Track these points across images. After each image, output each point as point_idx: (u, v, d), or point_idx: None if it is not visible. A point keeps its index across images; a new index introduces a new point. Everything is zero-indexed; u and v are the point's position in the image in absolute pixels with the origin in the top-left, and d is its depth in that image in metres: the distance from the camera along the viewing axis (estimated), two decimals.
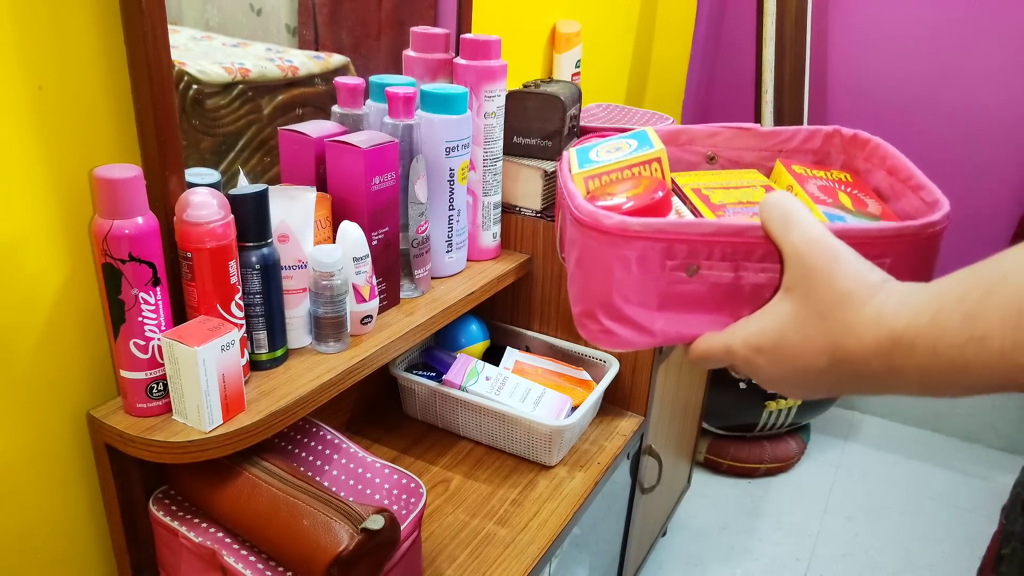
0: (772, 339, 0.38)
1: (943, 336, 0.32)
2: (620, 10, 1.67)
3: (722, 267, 0.40)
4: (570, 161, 0.51)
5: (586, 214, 0.41)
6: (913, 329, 0.32)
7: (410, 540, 0.75)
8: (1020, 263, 0.30)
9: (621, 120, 1.27)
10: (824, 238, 0.37)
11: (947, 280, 0.33)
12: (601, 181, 0.48)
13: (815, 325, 0.36)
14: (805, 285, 0.36)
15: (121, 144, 0.67)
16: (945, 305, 0.32)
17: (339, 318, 0.76)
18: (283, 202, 0.73)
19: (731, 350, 0.40)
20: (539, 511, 0.94)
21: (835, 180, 0.51)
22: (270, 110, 0.83)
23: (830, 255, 0.36)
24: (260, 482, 0.69)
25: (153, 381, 0.65)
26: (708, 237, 0.39)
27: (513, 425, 1.00)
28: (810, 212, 0.38)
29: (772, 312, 0.38)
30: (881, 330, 0.33)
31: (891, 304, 0.34)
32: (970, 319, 0.31)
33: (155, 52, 0.63)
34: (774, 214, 0.38)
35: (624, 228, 0.40)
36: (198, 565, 0.71)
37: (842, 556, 1.65)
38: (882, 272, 0.36)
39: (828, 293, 0.35)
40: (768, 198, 0.39)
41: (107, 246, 0.60)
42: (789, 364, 0.37)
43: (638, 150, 0.49)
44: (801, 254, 0.37)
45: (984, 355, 0.30)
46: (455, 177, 0.90)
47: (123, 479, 0.70)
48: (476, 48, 0.92)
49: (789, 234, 0.37)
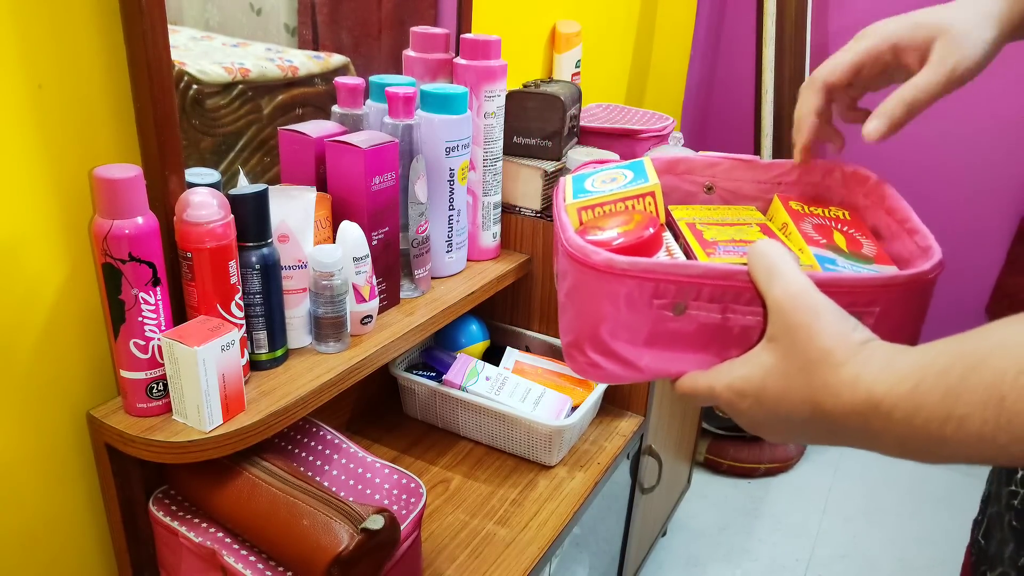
0: (755, 387, 0.38)
1: (922, 409, 0.32)
2: (620, 10, 1.67)
3: (710, 308, 0.40)
4: (565, 189, 0.51)
5: (576, 248, 0.41)
6: (892, 397, 0.32)
7: (410, 540, 0.75)
8: (1005, 342, 0.30)
9: (621, 120, 1.27)
10: (805, 294, 0.36)
11: (930, 349, 0.33)
12: (594, 213, 0.48)
13: (796, 379, 0.36)
14: (787, 339, 0.37)
15: (121, 144, 0.66)
16: (926, 377, 0.32)
17: (339, 318, 0.76)
18: (283, 202, 0.73)
19: (715, 392, 0.40)
20: (539, 511, 0.94)
21: (832, 218, 0.50)
22: (270, 110, 0.83)
23: (811, 312, 0.36)
24: (260, 482, 0.69)
25: (153, 381, 0.65)
26: (696, 279, 0.39)
27: (513, 425, 1.00)
28: (795, 264, 0.38)
29: (756, 360, 0.38)
30: (858, 394, 0.34)
31: (871, 368, 0.34)
32: (951, 397, 0.31)
33: (155, 52, 0.63)
34: (759, 264, 0.38)
35: (611, 266, 0.40)
36: (198, 565, 0.71)
37: (841, 557, 1.65)
38: (864, 330, 0.36)
39: (809, 350, 0.35)
40: (755, 246, 0.39)
41: (107, 246, 0.60)
42: (771, 412, 0.38)
43: (633, 182, 0.49)
44: (783, 309, 0.37)
45: (963, 434, 0.31)
46: (455, 177, 0.90)
47: (123, 479, 0.70)
48: (476, 48, 0.92)
49: (772, 287, 0.37)
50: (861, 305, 0.39)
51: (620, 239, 0.43)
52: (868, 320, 0.39)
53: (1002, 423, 0.29)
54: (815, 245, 0.45)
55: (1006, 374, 0.29)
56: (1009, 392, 0.29)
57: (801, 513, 1.77)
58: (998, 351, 0.30)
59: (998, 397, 0.29)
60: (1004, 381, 0.29)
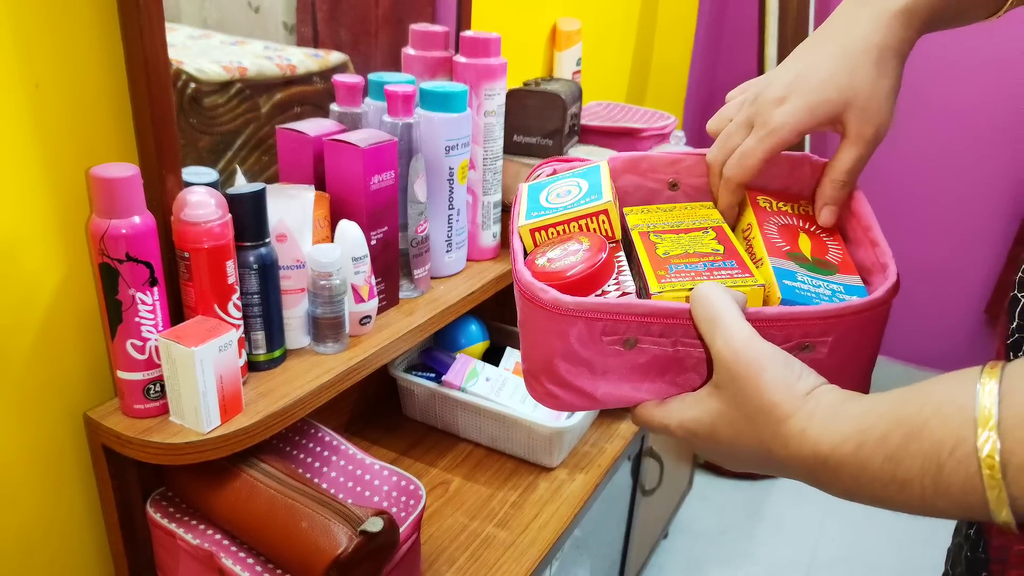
0: (705, 429, 0.39)
1: (865, 471, 0.33)
2: (621, 7, 1.67)
3: (661, 342, 0.40)
4: (520, 204, 0.50)
5: (524, 284, 0.41)
6: (837, 457, 0.33)
7: (409, 542, 0.74)
8: (941, 410, 0.31)
9: (622, 118, 1.27)
10: (747, 348, 0.36)
11: (872, 408, 0.33)
12: (547, 234, 0.47)
13: (744, 426, 0.37)
14: (733, 388, 0.37)
15: (118, 143, 0.66)
16: (868, 441, 0.33)
17: (337, 318, 0.75)
18: (281, 201, 0.73)
19: (669, 429, 0.41)
20: (539, 513, 0.93)
21: (800, 215, 0.49)
22: (268, 108, 0.83)
23: (755, 366, 0.36)
24: (258, 484, 0.69)
25: (150, 382, 0.65)
26: (643, 319, 0.39)
27: (513, 426, 0.99)
28: (737, 312, 0.37)
29: (705, 404, 0.39)
30: (804, 448, 0.34)
31: (816, 423, 0.34)
32: (892, 462, 0.32)
33: (153, 50, 0.63)
34: (700, 314, 0.38)
35: (557, 306, 0.39)
36: (196, 567, 0.71)
37: (842, 559, 1.64)
38: (809, 376, 0.36)
39: (755, 402, 0.36)
40: (696, 293, 0.39)
41: (104, 246, 0.59)
42: (724, 451, 0.39)
43: (586, 198, 0.48)
44: (726, 362, 0.37)
45: (905, 496, 0.32)
46: (455, 176, 0.89)
47: (120, 480, 0.69)
48: (476, 46, 0.91)
49: (715, 340, 0.37)
50: (814, 335, 0.39)
51: (572, 269, 0.42)
52: (822, 349, 0.39)
53: (940, 491, 0.31)
54: (776, 255, 0.45)
55: (943, 445, 0.30)
56: (947, 462, 0.30)
57: (802, 516, 1.76)
58: (935, 419, 0.31)
59: (936, 467, 0.31)
60: (942, 453, 0.30)
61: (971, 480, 0.30)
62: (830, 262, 0.45)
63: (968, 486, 0.30)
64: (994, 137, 1.87)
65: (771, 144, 0.46)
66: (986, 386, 0.30)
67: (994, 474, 0.29)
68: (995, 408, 0.30)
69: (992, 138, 1.87)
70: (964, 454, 0.30)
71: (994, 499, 0.29)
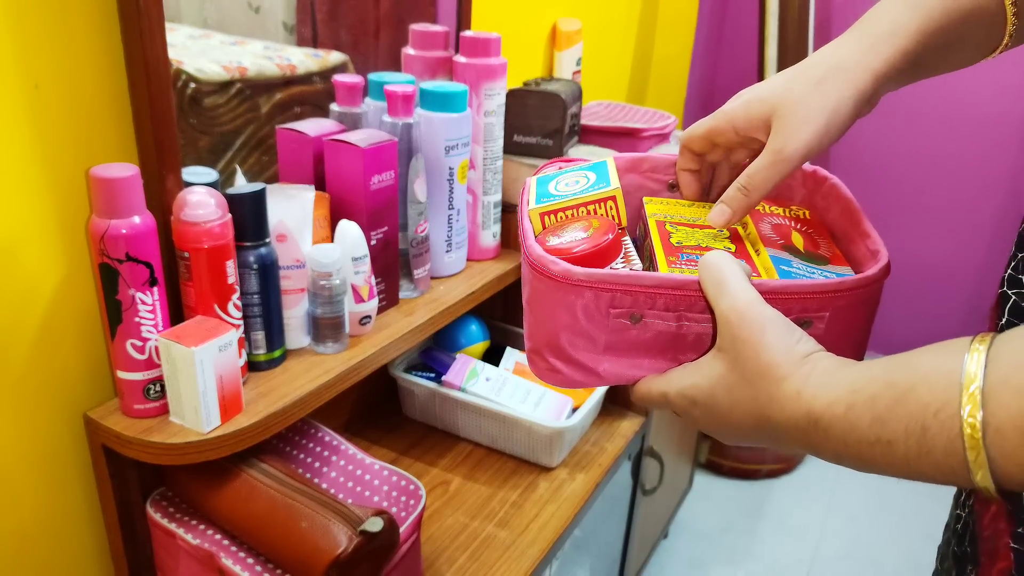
0: (704, 395, 0.40)
1: (853, 431, 0.34)
2: (621, 7, 1.66)
3: (665, 316, 0.41)
4: (529, 192, 0.51)
5: (534, 257, 0.42)
6: (828, 417, 0.35)
7: (409, 542, 0.74)
8: (929, 376, 0.32)
9: (622, 118, 1.27)
10: (751, 309, 0.37)
11: (864, 372, 0.35)
12: (556, 218, 0.48)
13: (742, 389, 0.38)
14: (734, 351, 0.38)
15: (118, 143, 0.66)
16: (858, 402, 0.34)
17: (337, 318, 0.75)
18: (281, 201, 0.73)
19: (668, 398, 0.42)
20: (539, 513, 0.93)
21: (792, 217, 0.51)
22: (268, 108, 0.83)
23: (757, 326, 0.37)
24: (258, 484, 0.69)
25: (150, 382, 0.65)
26: (650, 289, 0.40)
27: (513, 426, 0.99)
28: (744, 277, 0.39)
29: (705, 369, 0.40)
30: (799, 408, 0.36)
31: (811, 384, 0.35)
32: (878, 423, 0.33)
33: (152, 50, 0.63)
34: (708, 277, 0.39)
35: (568, 276, 0.40)
36: (196, 567, 0.71)
37: (844, 557, 1.64)
38: (808, 342, 0.37)
39: (754, 363, 0.37)
40: (705, 259, 0.40)
41: (104, 246, 0.59)
42: (720, 419, 0.40)
43: (595, 186, 0.49)
44: (730, 322, 0.38)
45: (889, 457, 0.33)
46: (455, 176, 0.89)
47: (120, 481, 0.69)
48: (476, 46, 0.91)
49: (721, 300, 0.38)
50: (811, 311, 0.40)
51: (580, 246, 0.43)
52: (819, 324, 0.40)
53: (923, 452, 0.32)
54: (772, 246, 0.46)
55: (928, 407, 0.31)
56: (931, 424, 0.31)
57: (804, 514, 1.76)
58: (922, 384, 0.32)
59: (920, 428, 0.32)
60: (926, 415, 0.31)
61: (953, 443, 0.31)
62: (822, 255, 0.46)
63: (950, 448, 0.31)
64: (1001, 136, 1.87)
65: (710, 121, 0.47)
66: (974, 354, 0.31)
67: (975, 434, 0.30)
68: (980, 372, 0.31)
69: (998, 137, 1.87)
70: (947, 416, 0.31)
71: (973, 460, 0.30)
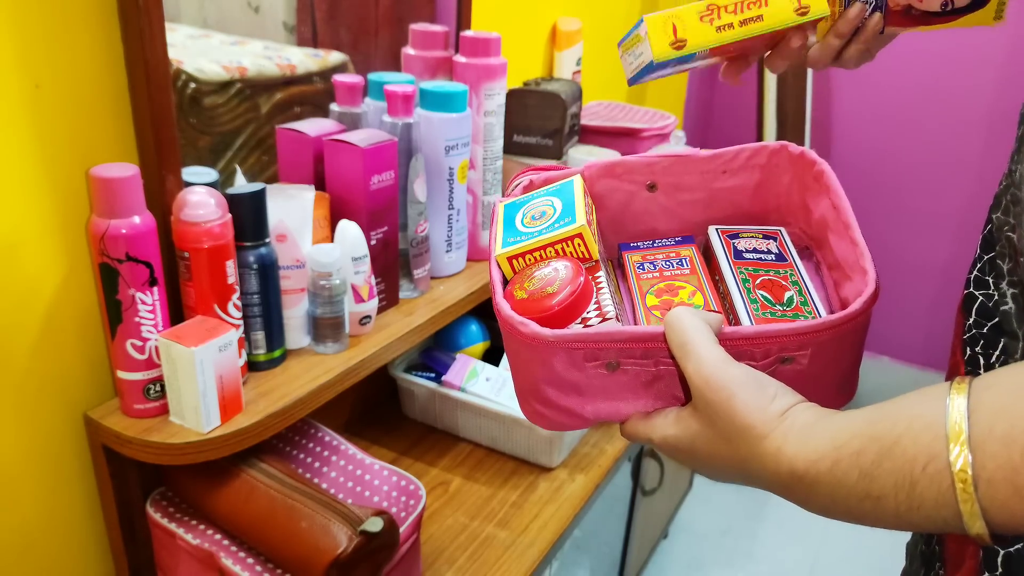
0: (686, 447, 0.40)
1: (840, 488, 0.33)
2: (621, 7, 1.67)
3: (643, 363, 0.41)
4: (497, 224, 0.50)
5: (505, 318, 0.42)
6: (813, 474, 0.34)
7: (409, 542, 0.74)
8: (912, 426, 0.32)
9: (622, 118, 1.27)
10: (718, 373, 0.37)
11: (845, 425, 0.34)
12: (524, 260, 0.48)
13: (720, 445, 0.38)
14: (708, 412, 0.38)
15: (118, 143, 0.66)
16: (843, 458, 0.33)
17: (337, 318, 0.75)
18: (281, 201, 0.73)
19: (653, 442, 0.42)
20: (539, 513, 0.93)
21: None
22: (268, 108, 0.83)
23: (725, 393, 0.36)
24: (258, 484, 0.69)
25: (150, 382, 0.65)
26: (622, 344, 0.40)
27: (513, 426, 0.99)
28: (709, 336, 0.38)
29: (683, 423, 0.40)
30: (781, 466, 0.35)
31: (791, 442, 0.35)
32: (866, 479, 0.33)
33: (152, 50, 0.63)
34: (673, 339, 0.39)
35: (538, 338, 0.40)
36: (196, 567, 0.71)
37: (845, 560, 1.64)
38: (784, 397, 0.37)
39: (728, 424, 0.37)
40: (668, 318, 0.39)
41: (104, 246, 0.59)
42: (704, 467, 0.40)
43: (560, 220, 0.48)
44: (698, 387, 0.38)
45: (880, 512, 0.33)
46: (455, 176, 0.89)
47: (120, 480, 0.69)
48: (476, 46, 0.91)
49: (687, 364, 0.38)
50: (792, 349, 0.39)
51: (550, 300, 0.43)
52: (802, 360, 0.40)
53: (913, 506, 0.32)
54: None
55: (915, 461, 0.31)
56: (920, 478, 0.31)
57: (804, 516, 1.75)
58: (906, 436, 0.32)
59: (909, 483, 0.31)
60: (915, 469, 0.31)
61: (944, 495, 0.31)
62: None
63: (941, 500, 0.31)
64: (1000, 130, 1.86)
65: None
66: (955, 401, 0.31)
67: (967, 487, 0.30)
68: (964, 423, 0.31)
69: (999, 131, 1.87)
70: (936, 470, 0.31)
71: (967, 512, 0.30)
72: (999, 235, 0.44)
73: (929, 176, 1.97)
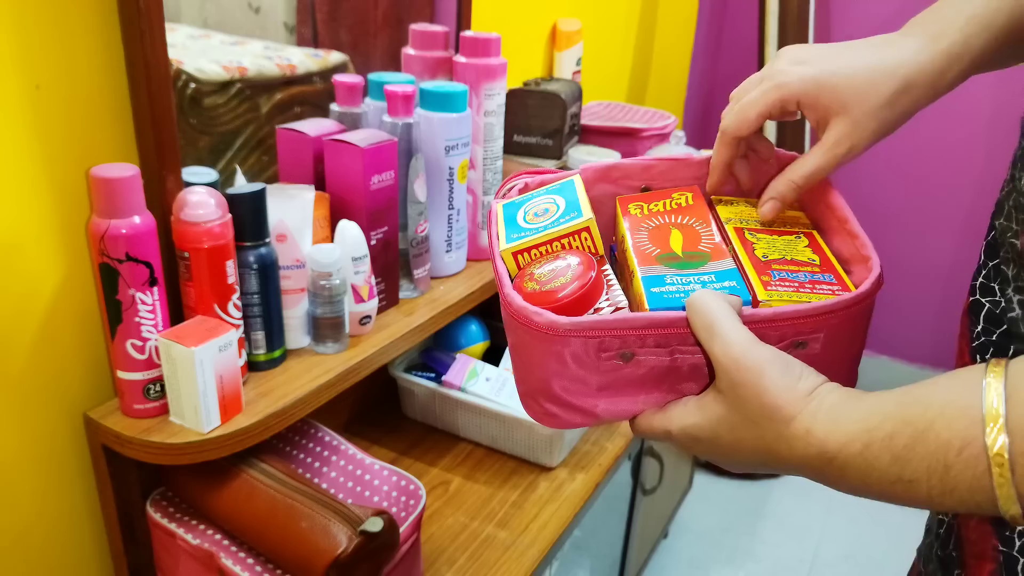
0: (707, 435, 0.39)
1: (873, 470, 0.33)
2: (621, 7, 1.66)
3: (658, 352, 0.40)
4: (498, 226, 0.49)
5: (516, 309, 0.41)
6: (844, 456, 0.34)
7: (409, 542, 0.74)
8: (945, 411, 0.32)
9: (622, 118, 1.27)
10: (746, 353, 0.36)
11: (876, 408, 0.34)
12: (531, 255, 0.47)
13: (747, 429, 0.37)
14: (733, 394, 0.37)
15: (118, 143, 0.66)
16: (874, 441, 0.33)
17: (337, 318, 0.75)
18: (281, 201, 0.73)
19: (671, 435, 0.41)
20: (539, 513, 0.93)
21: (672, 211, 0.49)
22: (268, 108, 0.83)
23: (754, 371, 0.36)
24: (258, 484, 0.69)
25: (150, 382, 0.65)
26: (639, 331, 0.39)
27: (513, 426, 0.99)
28: (734, 318, 0.38)
29: (706, 410, 0.39)
30: (811, 447, 0.35)
31: (820, 422, 0.35)
32: (899, 463, 0.33)
33: (152, 50, 0.63)
34: (698, 322, 0.38)
35: (554, 327, 0.39)
36: (196, 567, 0.71)
37: (845, 557, 1.64)
38: (810, 376, 0.37)
39: (756, 405, 0.36)
40: (691, 301, 0.39)
41: (104, 246, 0.59)
42: (725, 455, 0.40)
43: (565, 216, 0.47)
44: (726, 368, 0.37)
45: (912, 495, 0.33)
46: (455, 176, 0.89)
47: (120, 481, 0.69)
48: (476, 46, 0.91)
49: (713, 345, 0.37)
50: (806, 333, 0.39)
51: (561, 291, 0.42)
52: (815, 345, 0.40)
53: (947, 490, 0.32)
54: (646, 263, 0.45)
55: (950, 445, 0.31)
56: (954, 463, 0.31)
57: (804, 514, 1.76)
58: (940, 420, 0.32)
59: (943, 467, 0.31)
60: (948, 454, 0.31)
61: (979, 479, 0.30)
62: (702, 252, 0.45)
63: (975, 485, 0.31)
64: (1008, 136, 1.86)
65: (772, 97, 0.45)
66: (992, 385, 0.31)
67: (1004, 472, 0.30)
68: (1002, 407, 0.30)
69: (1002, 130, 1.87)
70: (971, 455, 0.30)
71: (1004, 496, 0.30)
72: (1003, 241, 0.44)
73: (929, 176, 1.97)
